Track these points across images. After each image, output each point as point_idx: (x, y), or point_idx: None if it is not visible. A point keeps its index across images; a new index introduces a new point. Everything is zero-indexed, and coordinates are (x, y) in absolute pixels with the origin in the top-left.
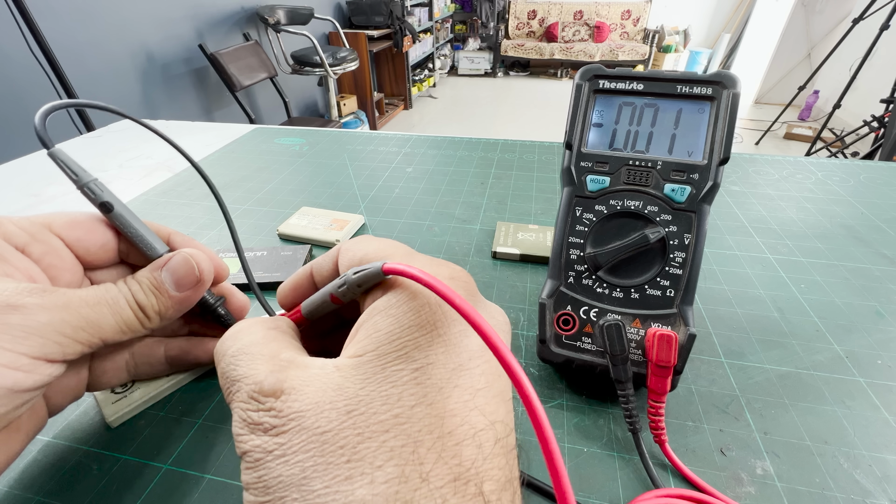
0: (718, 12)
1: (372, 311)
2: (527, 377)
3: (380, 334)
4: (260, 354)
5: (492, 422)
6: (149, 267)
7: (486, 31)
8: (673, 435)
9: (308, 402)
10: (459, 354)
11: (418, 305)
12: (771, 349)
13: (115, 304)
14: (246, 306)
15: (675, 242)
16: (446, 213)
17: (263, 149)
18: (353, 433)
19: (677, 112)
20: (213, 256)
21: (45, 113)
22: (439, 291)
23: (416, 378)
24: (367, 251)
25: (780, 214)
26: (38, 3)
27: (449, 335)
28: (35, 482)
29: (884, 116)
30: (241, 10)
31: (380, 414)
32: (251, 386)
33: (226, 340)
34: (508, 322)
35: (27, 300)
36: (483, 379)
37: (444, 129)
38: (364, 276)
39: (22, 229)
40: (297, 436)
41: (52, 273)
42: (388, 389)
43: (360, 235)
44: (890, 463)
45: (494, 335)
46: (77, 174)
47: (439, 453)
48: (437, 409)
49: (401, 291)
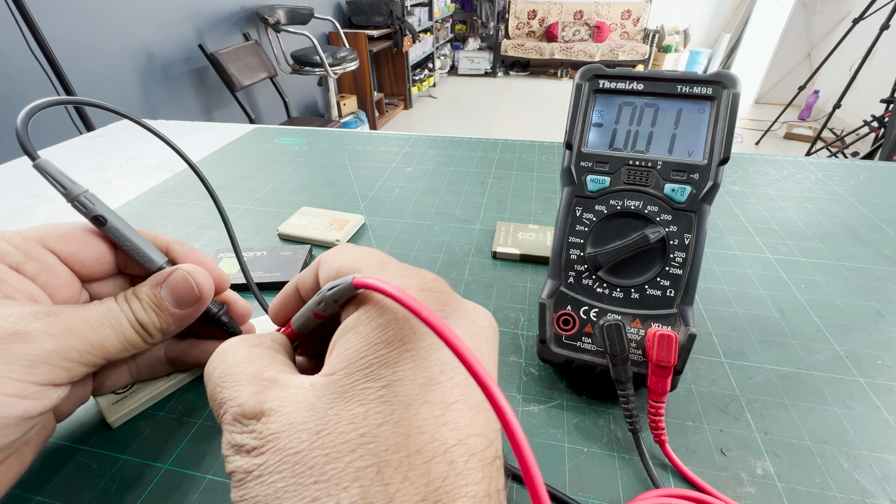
0: (718, 12)
1: (344, 328)
2: (500, 390)
3: (349, 352)
4: (243, 374)
5: (466, 436)
6: (148, 283)
7: (486, 31)
8: (673, 435)
9: (284, 423)
10: (429, 368)
11: (386, 321)
12: (771, 349)
13: (118, 323)
14: (248, 312)
15: (675, 242)
16: (446, 212)
17: (263, 149)
18: (321, 454)
19: (677, 112)
20: (213, 268)
21: (26, 117)
22: (406, 304)
23: (383, 396)
24: (343, 263)
25: (781, 214)
26: (38, 3)
27: (418, 349)
28: (35, 482)
29: (884, 116)
30: (241, 10)
31: (346, 434)
32: (235, 409)
33: (212, 362)
34: (494, 326)
35: (32, 326)
36: (456, 392)
37: (444, 129)
38: (337, 293)
39: (15, 247)
40: (273, 457)
41: (50, 291)
42: (355, 408)
43: (341, 244)
44: (890, 463)
45: (463, 347)
46: (66, 187)
47: (405, 473)
48: (404, 427)
49: (370, 307)
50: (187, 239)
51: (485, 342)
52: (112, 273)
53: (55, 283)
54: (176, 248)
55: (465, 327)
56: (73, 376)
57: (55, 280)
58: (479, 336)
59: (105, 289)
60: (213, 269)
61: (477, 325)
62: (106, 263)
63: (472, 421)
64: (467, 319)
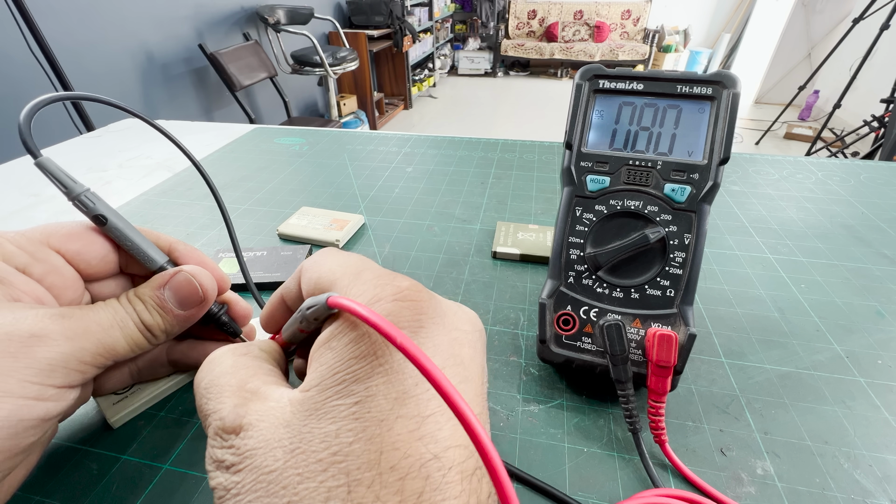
0: (718, 12)
1: (318, 343)
2: (470, 408)
3: (322, 368)
4: (228, 386)
5: (443, 448)
6: (151, 284)
7: (486, 31)
8: (673, 435)
9: (261, 440)
10: (403, 382)
11: (358, 335)
12: (771, 349)
13: (124, 325)
14: (249, 313)
15: (675, 242)
16: (446, 212)
17: (263, 149)
18: (294, 473)
19: (677, 112)
20: (214, 269)
21: (29, 113)
22: (372, 323)
23: (355, 413)
24: (321, 273)
25: (781, 214)
26: (38, 3)
27: (391, 363)
28: (35, 482)
29: (884, 116)
30: (241, 10)
31: (319, 452)
32: (217, 422)
33: (200, 372)
34: (479, 328)
35: (50, 329)
36: (433, 404)
37: (444, 129)
38: (315, 312)
39: (21, 248)
40: (249, 475)
41: (55, 292)
42: (327, 426)
43: (323, 250)
44: (890, 463)
45: (429, 364)
46: (67, 186)
47: (377, 492)
48: (376, 444)
49: (343, 322)
50: (187, 239)
51: (467, 347)
52: (115, 272)
53: (61, 285)
54: (179, 248)
55: (443, 335)
56: (86, 378)
57: (61, 281)
58: (459, 342)
59: (106, 289)
60: (214, 270)
61: (458, 331)
62: (110, 263)
63: (451, 433)
64: (447, 325)
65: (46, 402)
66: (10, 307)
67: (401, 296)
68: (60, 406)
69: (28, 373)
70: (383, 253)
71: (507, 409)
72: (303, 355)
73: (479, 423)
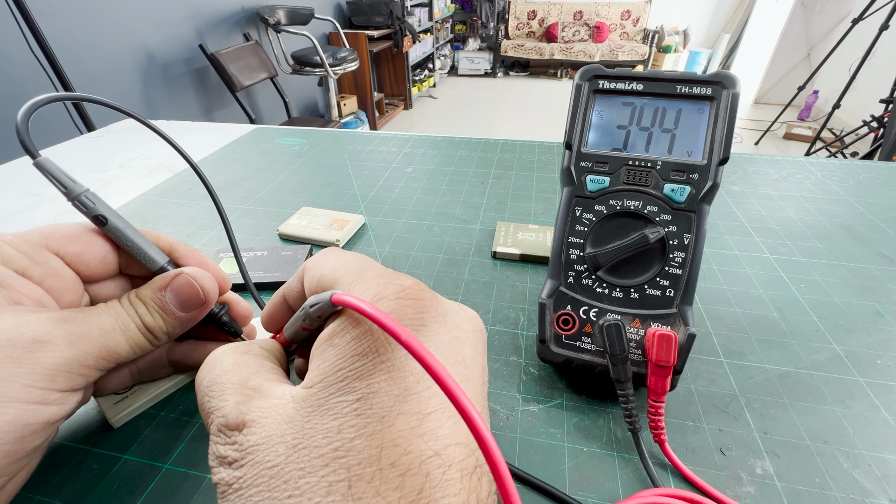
0: (718, 12)
1: (321, 340)
2: (473, 405)
3: (325, 365)
4: (229, 384)
5: (444, 446)
6: (152, 285)
7: (486, 32)
8: (673, 435)
9: (263, 436)
10: (405, 379)
11: (361, 332)
12: (771, 349)
13: (126, 328)
14: (249, 314)
15: (675, 242)
16: (446, 213)
17: (263, 149)
18: (296, 468)
19: (677, 112)
20: (215, 270)
21: (26, 113)
22: (376, 320)
23: (357, 409)
24: (324, 272)
25: (780, 214)
26: (38, 3)
27: (393, 360)
28: (36, 482)
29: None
30: (242, 10)
31: (321, 448)
32: (220, 419)
33: (202, 370)
34: (480, 328)
35: (53, 333)
36: (434, 401)
37: (444, 129)
38: (318, 310)
39: (20, 251)
40: (252, 469)
41: (56, 294)
42: (330, 422)
43: (325, 249)
44: (889, 463)
45: (433, 360)
46: (66, 186)
47: (377, 488)
48: (377, 440)
49: (345, 319)
50: (187, 239)
51: (468, 346)
52: (114, 274)
53: (60, 287)
54: (179, 249)
55: (445, 333)
56: (89, 381)
57: (61, 284)
58: (461, 341)
59: (106, 290)
60: (215, 271)
61: (460, 330)
62: (110, 264)
63: (451, 430)
64: (448, 325)
65: (50, 407)
66: (12, 311)
67: (403, 294)
68: (64, 410)
69: (32, 378)
70: (383, 253)
71: (506, 409)
72: (303, 355)
73: (482, 420)
